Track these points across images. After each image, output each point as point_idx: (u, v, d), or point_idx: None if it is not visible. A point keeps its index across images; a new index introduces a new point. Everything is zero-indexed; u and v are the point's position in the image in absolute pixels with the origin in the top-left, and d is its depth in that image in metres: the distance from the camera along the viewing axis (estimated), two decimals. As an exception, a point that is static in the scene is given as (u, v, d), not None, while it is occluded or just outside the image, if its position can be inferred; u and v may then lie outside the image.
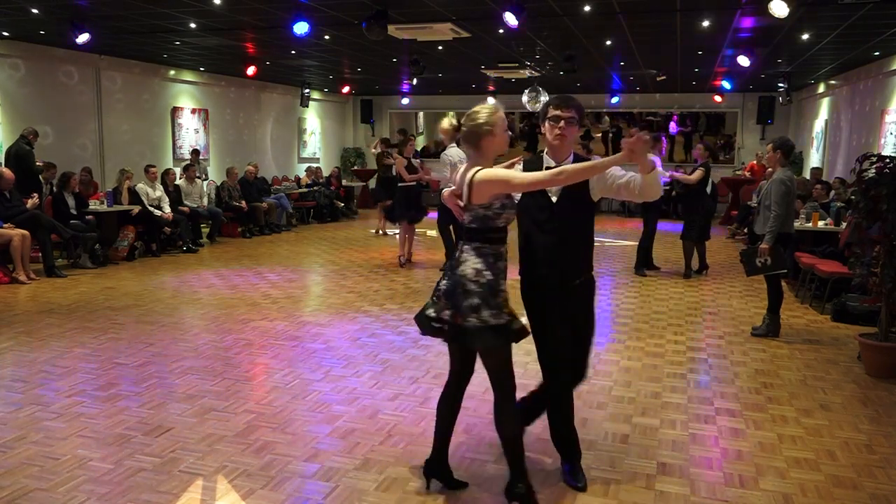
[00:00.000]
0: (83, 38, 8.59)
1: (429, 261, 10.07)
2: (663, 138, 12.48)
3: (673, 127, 21.08)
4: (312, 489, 3.34)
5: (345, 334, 6.11)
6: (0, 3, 7.73)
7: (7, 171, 8.77)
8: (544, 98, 12.81)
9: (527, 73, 12.50)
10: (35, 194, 8.97)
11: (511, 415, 3.02)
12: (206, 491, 3.31)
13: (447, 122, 3.89)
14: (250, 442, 3.84)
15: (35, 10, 8.00)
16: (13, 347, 5.60)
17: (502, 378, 3.01)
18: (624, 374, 5.04)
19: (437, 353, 5.51)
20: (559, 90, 15.07)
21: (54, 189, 9.55)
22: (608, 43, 10.07)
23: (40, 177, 9.70)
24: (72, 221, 9.16)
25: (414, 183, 9.36)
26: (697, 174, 8.70)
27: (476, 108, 3.06)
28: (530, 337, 3.20)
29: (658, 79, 13.93)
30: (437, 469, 3.34)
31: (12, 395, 4.54)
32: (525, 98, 13.03)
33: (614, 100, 16.24)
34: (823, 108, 13.93)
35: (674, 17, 8.27)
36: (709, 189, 9.05)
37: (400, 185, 9.43)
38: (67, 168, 9.98)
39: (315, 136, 17.95)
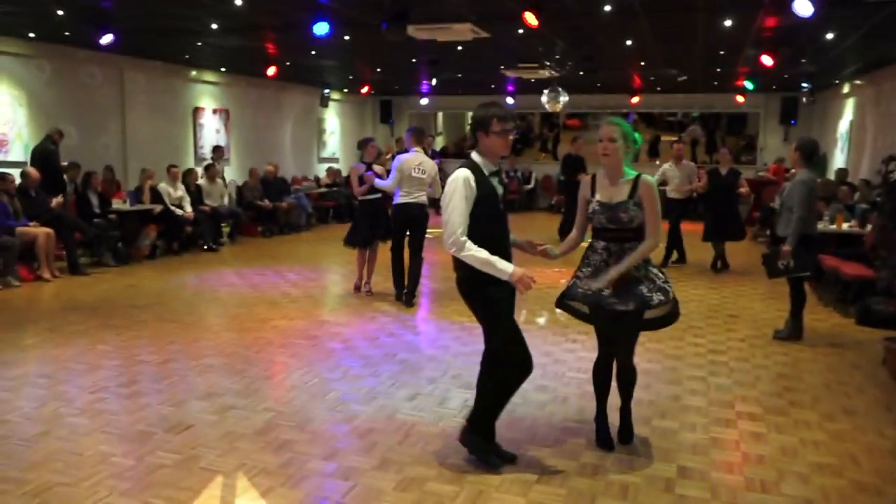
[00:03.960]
0: (107, 38, 8.69)
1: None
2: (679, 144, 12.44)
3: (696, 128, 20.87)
4: (331, 488, 3.36)
5: (363, 334, 6.13)
6: (26, 5, 7.85)
7: (33, 171, 8.93)
8: (564, 98, 12.76)
9: (546, 73, 12.46)
10: (60, 194, 9.10)
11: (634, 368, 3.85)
12: (226, 488, 3.34)
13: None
14: (270, 440, 3.87)
15: (60, 12, 8.12)
16: (38, 344, 5.68)
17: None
18: (643, 377, 5.00)
19: (456, 354, 5.52)
20: (579, 90, 15.00)
21: (78, 188, 9.68)
22: (628, 43, 10.02)
23: (65, 176, 9.84)
24: (95, 220, 9.28)
25: (377, 195, 7.55)
26: (704, 180, 9.19)
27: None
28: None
29: (679, 79, 13.82)
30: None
31: (37, 391, 4.61)
32: (545, 98, 12.99)
33: (634, 100, 16.12)
34: (848, 109, 13.73)
35: (695, 16, 8.20)
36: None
37: (360, 198, 7.64)
38: (91, 167, 10.11)
39: (335, 136, 18.03)
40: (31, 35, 9.70)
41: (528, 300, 6.82)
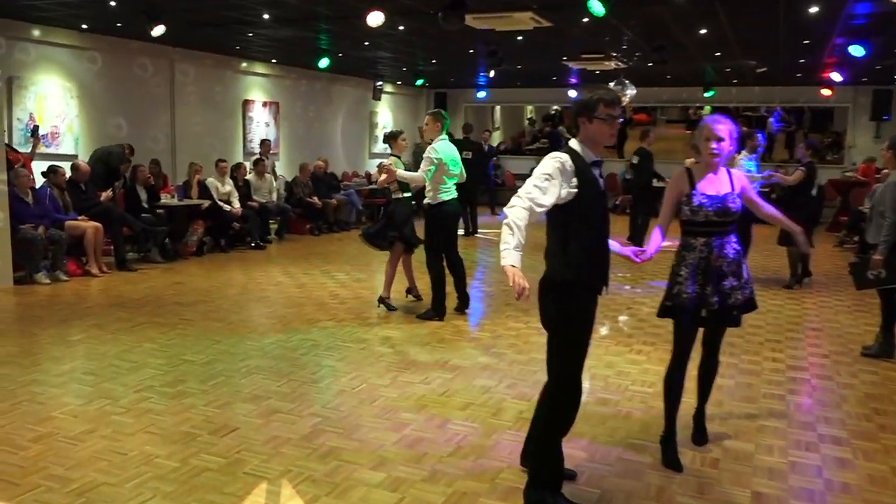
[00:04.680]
0: (158, 30, 8.97)
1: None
2: (762, 136, 12.05)
3: (774, 123, 20.31)
4: (378, 499, 3.37)
5: (414, 338, 6.15)
6: (80, -4, 8.17)
7: (83, 164, 9.28)
8: (631, 91, 12.55)
9: (612, 64, 12.29)
10: (110, 188, 9.42)
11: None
12: (271, 495, 3.40)
13: None
14: (315, 447, 3.92)
15: (112, 3, 8.41)
16: (85, 340, 5.90)
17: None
18: (715, 393, 4.87)
19: (511, 362, 5.49)
20: (647, 83, 14.76)
21: (127, 182, 10.01)
22: (702, 32, 9.80)
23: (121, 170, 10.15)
24: (143, 215, 9.58)
25: (408, 194, 7.06)
26: (797, 175, 8.40)
27: None
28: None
29: (757, 70, 13.45)
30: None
31: (83, 388, 4.78)
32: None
33: (709, 93, 15.76)
34: (949, 103, 13.12)
35: (776, 2, 7.97)
36: (814, 192, 8.70)
37: (393, 196, 7.12)
38: (140, 161, 10.45)
39: (387, 130, 18.18)
40: (84, 26, 10.08)
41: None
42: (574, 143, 3.25)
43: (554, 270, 3.21)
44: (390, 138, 7.34)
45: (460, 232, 7.68)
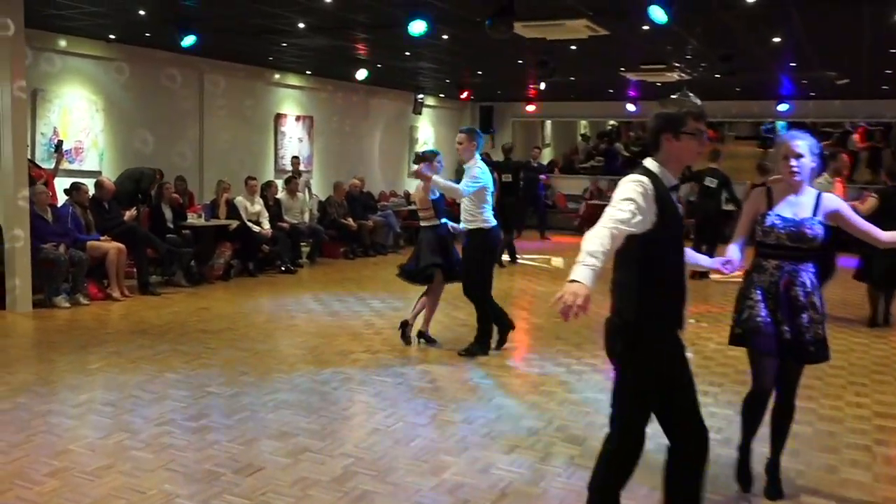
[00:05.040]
0: (189, 40, 9.23)
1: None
2: (844, 156, 11.80)
3: (858, 140, 19.86)
4: (414, 550, 3.35)
5: (455, 373, 6.14)
6: (108, 5, 8.45)
7: (108, 181, 9.52)
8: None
9: (675, 75, 12.23)
10: (134, 207, 9.64)
11: None
12: (298, 542, 3.40)
13: None
14: (347, 490, 3.92)
15: (141, 12, 8.69)
16: (104, 368, 6.02)
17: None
18: (791, 441, 4.74)
19: (561, 402, 5.43)
20: (714, 95, 14.62)
21: (151, 201, 10.24)
22: (775, 40, 9.69)
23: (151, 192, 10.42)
24: (168, 236, 9.78)
25: (437, 221, 6.88)
26: (870, 203, 8.07)
27: None
28: None
29: (838, 82, 13.23)
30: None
31: (102, 419, 4.87)
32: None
33: (783, 107, 15.54)
34: None
35: (859, 7, 7.85)
36: None
37: (422, 223, 7.06)
38: (166, 178, 10.68)
39: (428, 146, 18.32)
40: (112, 36, 10.43)
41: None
42: (651, 164, 3.02)
43: (623, 308, 3.05)
44: (422, 159, 6.94)
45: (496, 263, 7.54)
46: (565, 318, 2.59)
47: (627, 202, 2.85)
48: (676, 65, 11.69)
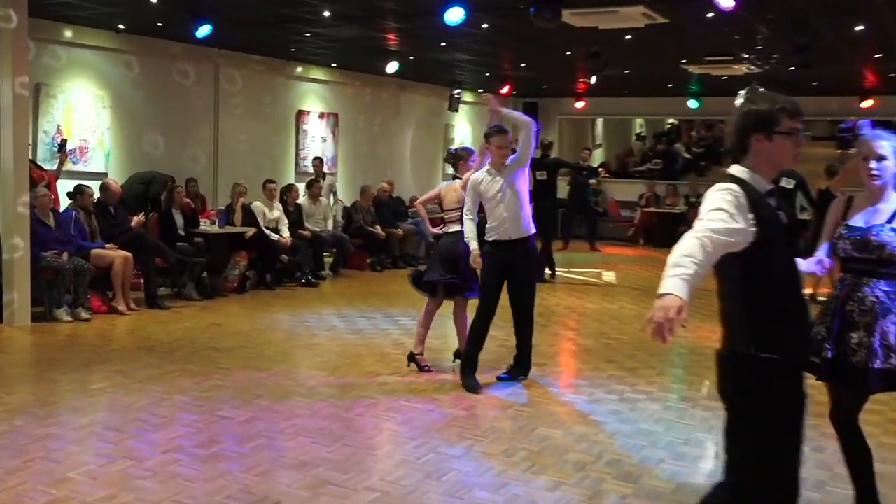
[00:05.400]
0: (203, 30, 9.34)
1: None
2: None
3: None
4: None
5: (494, 399, 6.12)
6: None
7: (114, 184, 9.66)
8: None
9: (743, 68, 12.11)
10: (142, 212, 9.74)
11: None
12: (317, 585, 3.41)
13: None
14: (372, 528, 3.92)
15: (154, 0, 8.84)
16: (108, 389, 6.11)
17: None
18: (880, 483, 4.65)
19: (613, 434, 5.38)
20: (787, 91, 14.35)
21: (161, 206, 10.37)
22: (858, 28, 9.56)
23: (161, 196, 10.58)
24: (178, 244, 9.90)
25: (457, 228, 6.85)
26: None
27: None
28: None
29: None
30: None
31: (105, 445, 4.94)
32: (740, 101, 12.62)
33: (867, 103, 15.29)
34: None
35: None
36: None
37: (443, 230, 7.13)
38: (178, 181, 10.79)
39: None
40: (121, 26, 10.61)
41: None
42: (739, 170, 2.93)
43: (734, 339, 2.90)
44: (456, 158, 6.97)
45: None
46: (662, 339, 2.47)
47: (718, 212, 2.74)
48: (745, 56, 11.58)
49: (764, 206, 2.83)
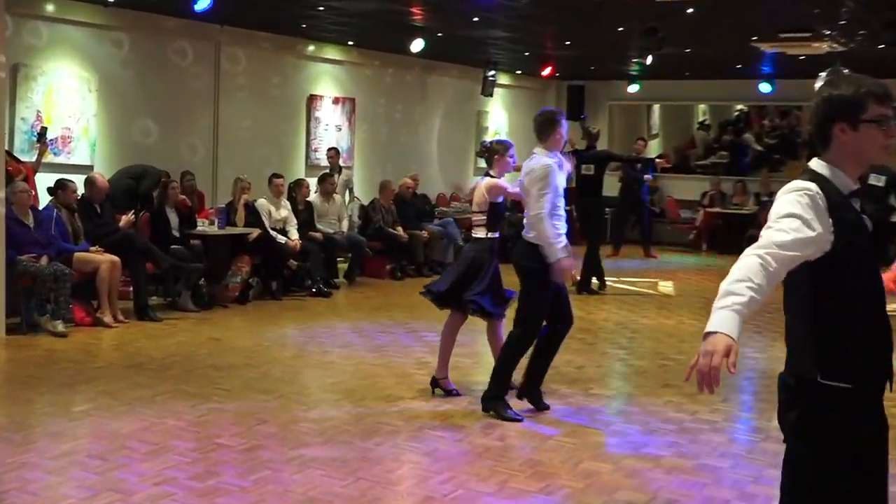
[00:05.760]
0: (203, 3, 9.41)
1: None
2: None
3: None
4: None
5: (531, 429, 6.10)
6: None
7: (100, 178, 9.70)
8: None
9: (825, 46, 12.02)
10: (132, 211, 9.78)
11: None
12: None
13: None
14: (391, 575, 3.92)
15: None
16: (92, 412, 6.15)
17: None
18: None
19: (669, 470, 5.34)
20: (875, 73, 14.23)
21: (155, 203, 10.42)
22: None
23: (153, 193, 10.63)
24: (172, 247, 9.94)
25: (494, 234, 6.75)
26: None
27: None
28: None
29: None
30: None
31: (88, 475, 4.97)
32: (821, 85, 12.53)
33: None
34: None
35: None
36: None
37: (474, 234, 6.92)
38: (173, 176, 10.84)
39: (501, 137, 18.31)
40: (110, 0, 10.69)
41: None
42: (819, 165, 2.88)
43: (799, 362, 2.88)
44: (491, 152, 6.83)
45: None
46: (708, 390, 2.47)
47: (789, 219, 2.69)
48: (826, 32, 11.48)
49: (845, 209, 2.78)
